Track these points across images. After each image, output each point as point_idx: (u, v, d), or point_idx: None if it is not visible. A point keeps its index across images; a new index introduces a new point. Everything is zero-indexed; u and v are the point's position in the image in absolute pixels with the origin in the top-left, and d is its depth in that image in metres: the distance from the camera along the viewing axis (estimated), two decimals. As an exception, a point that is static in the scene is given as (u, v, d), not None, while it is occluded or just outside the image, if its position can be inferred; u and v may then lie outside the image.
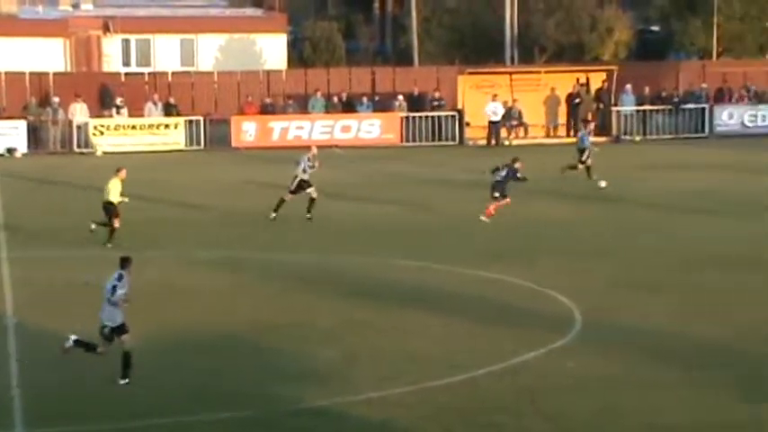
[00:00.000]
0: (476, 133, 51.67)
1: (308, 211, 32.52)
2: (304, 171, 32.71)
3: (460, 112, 51.58)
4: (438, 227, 32.20)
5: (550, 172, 39.10)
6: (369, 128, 51.42)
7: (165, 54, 63.00)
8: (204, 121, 50.32)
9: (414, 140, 51.07)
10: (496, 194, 32.27)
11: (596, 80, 52.82)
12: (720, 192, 37.09)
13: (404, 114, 51.52)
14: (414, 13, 65.49)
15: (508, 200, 32.51)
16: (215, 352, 19.12)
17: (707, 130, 51.86)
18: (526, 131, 52.04)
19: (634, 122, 52.07)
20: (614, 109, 51.88)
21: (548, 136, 52.45)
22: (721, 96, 53.07)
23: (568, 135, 51.94)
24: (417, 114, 51.43)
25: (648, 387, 18.43)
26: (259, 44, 64.49)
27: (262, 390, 18.27)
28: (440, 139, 51.21)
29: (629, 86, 52.33)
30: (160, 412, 17.43)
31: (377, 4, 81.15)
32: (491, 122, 50.96)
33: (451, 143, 51.00)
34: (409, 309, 23.23)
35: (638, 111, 52.13)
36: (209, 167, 44.92)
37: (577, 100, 52.01)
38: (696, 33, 65.81)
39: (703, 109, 52.16)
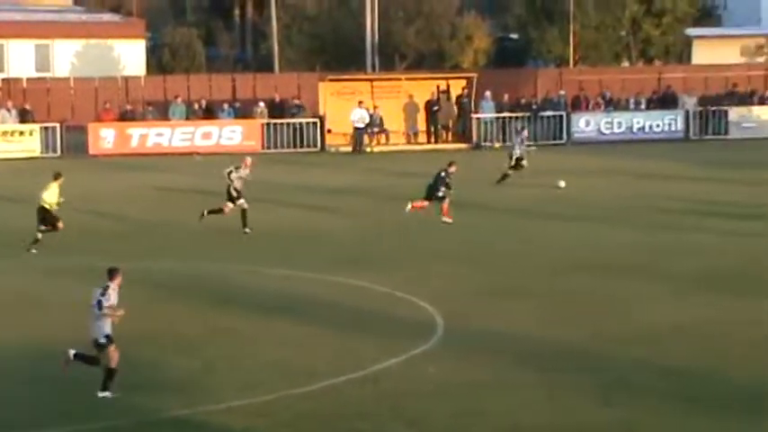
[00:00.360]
0: (337, 140, 51.70)
1: (244, 225, 31.72)
2: (237, 179, 32.05)
3: (322, 119, 51.54)
4: (301, 234, 32.10)
5: (411, 178, 39.24)
6: (230, 135, 51.10)
7: (20, 59, 61.84)
8: (60, 127, 49.47)
9: (275, 147, 50.90)
10: (439, 195, 32.85)
11: (456, 87, 53.25)
12: (578, 198, 37.63)
13: (265, 121, 51.31)
14: (274, 21, 65.34)
15: (425, 204, 32.96)
16: (76, 363, 18.74)
17: (564, 136, 52.62)
18: (387, 138, 52.26)
19: (494, 129, 52.58)
20: (474, 116, 52.35)
21: (408, 143, 52.71)
22: (578, 104, 53.91)
23: (429, 142, 52.33)
24: (278, 121, 51.27)
25: (508, 390, 18.57)
26: (117, 50, 63.72)
27: (121, 400, 17.96)
28: (301, 146, 51.11)
29: (488, 93, 52.87)
30: (13, 425, 17.01)
31: (237, 11, 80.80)
32: (356, 129, 51.03)
33: (313, 150, 50.95)
34: (272, 316, 23.09)
35: (497, 118, 52.66)
36: (66, 175, 44.01)
37: (436, 107, 52.38)
38: (553, 41, 66.90)
39: (561, 116, 52.92)
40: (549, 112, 52.97)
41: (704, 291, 24.78)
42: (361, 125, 50.98)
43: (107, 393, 18.08)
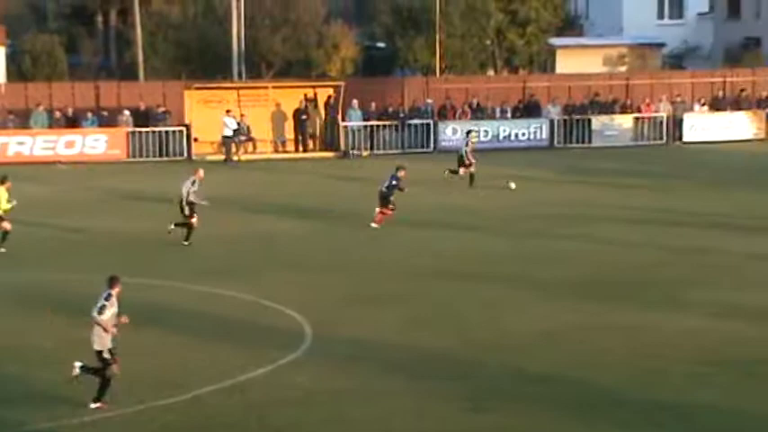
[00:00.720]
0: (204, 148, 51.21)
1: (175, 224, 31.38)
2: (188, 194, 31.38)
3: (188, 128, 51.04)
4: (167, 243, 31.64)
5: (278, 187, 39.09)
6: (94, 143, 50.29)
7: None
8: None
9: (140, 156, 50.24)
10: (386, 203, 33.26)
11: (324, 96, 53.19)
12: (446, 206, 37.78)
13: (130, 129, 50.62)
14: (138, 28, 64.55)
15: (392, 208, 33.38)
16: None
17: (432, 145, 52.89)
18: (254, 147, 51.96)
19: (362, 137, 52.63)
20: (342, 124, 52.32)
21: (276, 151, 52.46)
22: (445, 112, 54.23)
23: (296, 150, 52.15)
24: (144, 130, 50.62)
25: (376, 397, 18.53)
26: (-24, 57, 62.30)
27: (-20, 415, 17.50)
28: (167, 155, 50.53)
29: (355, 102, 52.89)
30: None
31: (100, 18, 79.69)
32: (225, 137, 50.67)
33: (179, 158, 50.40)
34: (138, 327, 22.64)
35: (365, 126, 52.71)
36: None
37: (305, 116, 52.26)
38: (420, 50, 67.22)
39: (428, 124, 53.18)
40: (417, 121, 53.18)
41: (572, 297, 25.04)
42: (230, 133, 50.64)
43: (99, 405, 17.91)
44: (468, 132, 44.58)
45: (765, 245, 30.23)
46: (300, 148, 52.41)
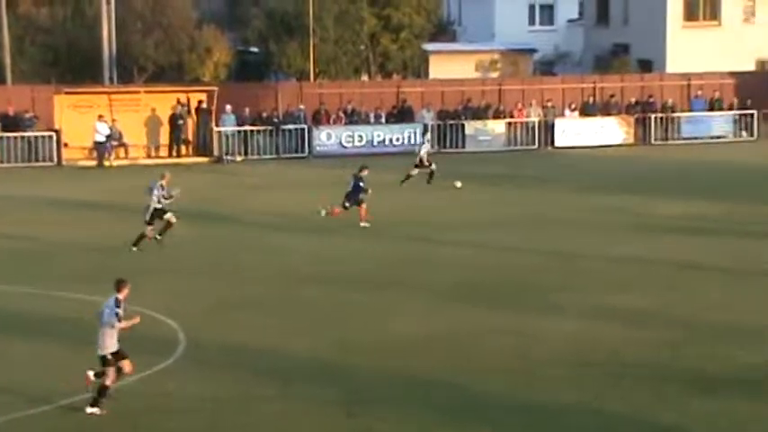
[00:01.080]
0: (75, 154, 50.47)
1: (160, 234, 31.01)
2: (158, 200, 30.82)
3: (58, 133, 50.24)
4: (38, 250, 31.11)
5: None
6: (-40, 149, 49.25)
7: None
8: None
9: (9, 161, 49.34)
10: (347, 204, 33.90)
11: (197, 100, 52.76)
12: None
13: (-2, 135, 49.69)
14: (6, 31, 63.33)
15: (340, 211, 33.99)
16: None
17: (306, 150, 52.81)
18: (126, 152, 51.34)
19: (236, 143, 52.34)
20: (215, 129, 51.98)
21: (149, 156, 51.89)
22: (319, 117, 54.19)
23: (170, 155, 51.65)
24: (12, 135, 49.71)
25: (251, 404, 18.41)
26: None
27: None
28: (37, 160, 49.68)
29: (229, 107, 52.60)
30: None
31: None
32: (97, 143, 49.96)
33: (49, 164, 49.58)
34: (7, 336, 22.27)
35: (239, 131, 52.44)
36: None
37: (180, 121, 51.79)
38: (293, 55, 67.07)
39: (302, 129, 53.10)
40: (291, 126, 53.06)
41: (448, 302, 25.16)
42: (102, 138, 49.97)
43: (95, 410, 17.72)
44: (425, 133, 45.35)
45: (633, 248, 30.74)
46: (174, 154, 51.94)
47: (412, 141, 53.70)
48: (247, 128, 52.60)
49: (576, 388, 19.13)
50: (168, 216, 31.23)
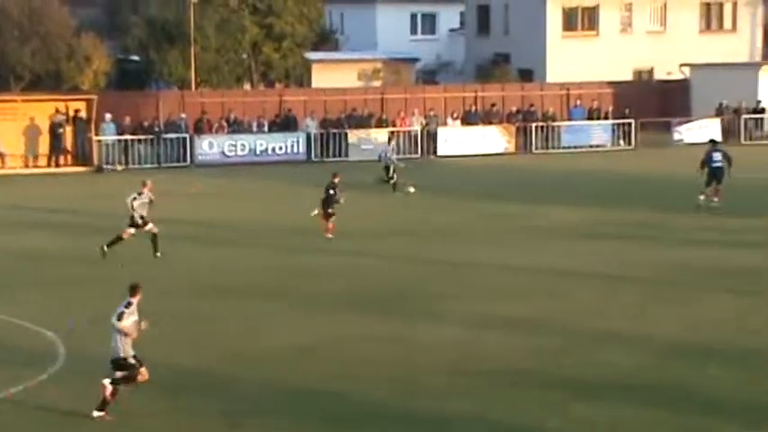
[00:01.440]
0: (-51, 164, 49.43)
1: (155, 250, 30.53)
2: (140, 205, 30.31)
3: (-70, 142, 49.20)
4: None
5: (29, 203, 38.01)
6: None
7: None
8: None
9: None
10: (330, 210, 33.79)
11: (74, 109, 51.99)
12: (206, 220, 37.33)
13: None
14: None
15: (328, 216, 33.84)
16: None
17: (188, 159, 52.38)
18: (3, 162, 50.40)
19: (116, 152, 51.71)
20: (95, 138, 51.30)
21: (26, 166, 51.01)
22: (201, 126, 53.79)
23: (49, 165, 50.84)
24: None
25: (132, 417, 18.15)
26: None
27: None
28: None
29: (108, 116, 51.98)
30: None
31: None
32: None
33: (-77, 174, 48.51)
34: None
35: (119, 140, 51.82)
36: None
37: (61, 129, 51.01)
38: (174, 63, 66.56)
39: (184, 138, 52.65)
40: (172, 135, 52.59)
41: (333, 311, 25.10)
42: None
43: (102, 414, 17.61)
44: (390, 140, 46.47)
45: (517, 255, 30.98)
46: (53, 163, 51.13)
47: (295, 150, 53.62)
48: (128, 137, 52.00)
49: (460, 396, 19.19)
50: (149, 227, 30.87)
